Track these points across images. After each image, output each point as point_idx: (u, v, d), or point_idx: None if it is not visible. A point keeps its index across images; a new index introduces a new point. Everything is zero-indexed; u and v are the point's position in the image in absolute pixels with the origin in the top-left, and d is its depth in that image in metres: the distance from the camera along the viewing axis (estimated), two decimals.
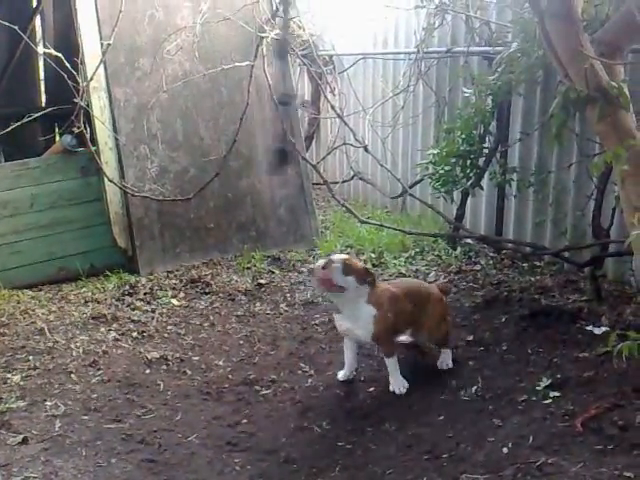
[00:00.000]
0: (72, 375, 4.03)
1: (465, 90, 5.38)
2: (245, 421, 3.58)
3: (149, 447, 3.34)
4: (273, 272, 5.63)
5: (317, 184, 7.07)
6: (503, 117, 5.48)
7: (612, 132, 3.02)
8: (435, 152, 5.29)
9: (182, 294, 5.23)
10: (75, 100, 4.93)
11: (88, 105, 5.24)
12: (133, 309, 4.94)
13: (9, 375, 4.00)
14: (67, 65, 4.90)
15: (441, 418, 3.48)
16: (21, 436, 3.38)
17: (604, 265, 4.93)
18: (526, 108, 5.48)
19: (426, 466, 3.09)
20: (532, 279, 5.11)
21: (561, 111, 2.99)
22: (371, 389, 3.82)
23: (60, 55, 4.94)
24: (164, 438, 3.42)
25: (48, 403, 3.72)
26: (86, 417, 3.60)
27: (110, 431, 3.47)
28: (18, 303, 5.06)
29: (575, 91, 2.92)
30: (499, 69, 4.90)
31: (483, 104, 5.16)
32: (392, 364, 3.79)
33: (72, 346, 4.38)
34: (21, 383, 3.92)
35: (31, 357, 4.23)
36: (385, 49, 7.13)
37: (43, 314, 4.87)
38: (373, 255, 5.84)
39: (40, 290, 5.34)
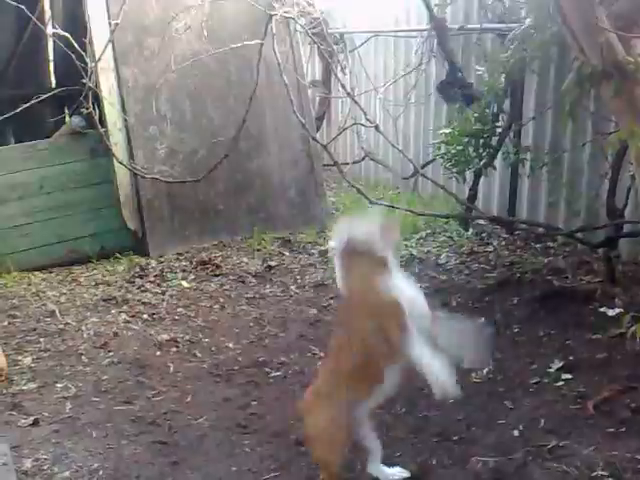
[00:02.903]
0: (83, 357, 4.05)
1: (478, 68, 5.29)
2: (255, 403, 3.57)
3: (159, 429, 3.35)
4: (283, 254, 5.61)
5: (327, 165, 7.01)
6: (516, 95, 5.39)
7: (628, 109, 2.94)
8: (447, 131, 5.23)
9: (192, 276, 5.22)
10: (83, 81, 4.90)
11: (96, 86, 5.21)
12: (143, 291, 4.94)
13: (20, 357, 4.02)
14: (75, 45, 4.86)
15: (451, 400, 3.44)
16: (32, 418, 3.40)
17: (618, 246, 4.86)
18: (540, 86, 5.39)
19: (436, 448, 3.07)
20: (545, 260, 5.05)
21: (575, 87, 2.91)
22: None
23: (68, 35, 4.90)
24: (174, 420, 3.42)
25: (59, 385, 3.74)
26: (97, 399, 3.62)
27: (120, 413, 3.48)
28: (29, 285, 5.09)
29: (590, 66, 2.84)
30: (512, 46, 4.81)
31: (496, 82, 5.07)
32: None
33: (83, 328, 4.39)
34: (32, 365, 3.94)
35: (42, 339, 4.25)
36: (397, 27, 7.03)
37: (54, 296, 4.89)
38: None
39: (51, 272, 5.36)
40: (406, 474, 2.79)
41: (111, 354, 4.08)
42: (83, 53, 4.89)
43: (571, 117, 3.07)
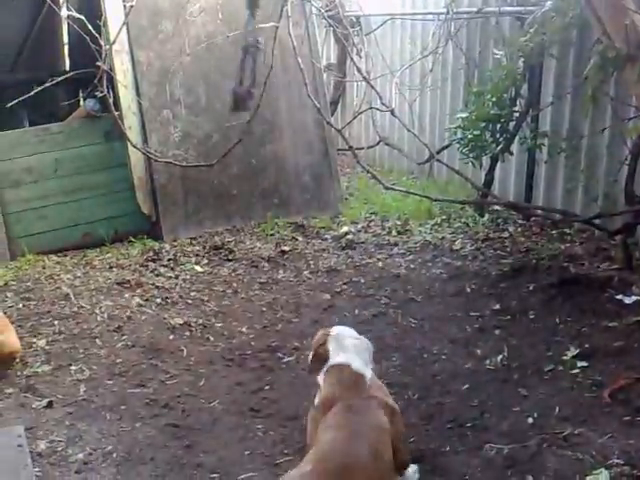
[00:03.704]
0: (97, 340, 4.07)
1: (496, 52, 5.21)
2: (268, 388, 3.58)
3: (173, 412, 3.37)
4: (296, 239, 5.59)
5: (342, 150, 6.97)
6: (535, 80, 5.32)
7: None
8: (464, 116, 5.17)
9: (205, 261, 5.22)
10: (98, 64, 4.87)
11: (111, 69, 5.18)
12: (157, 275, 4.95)
13: (35, 340, 4.05)
14: (90, 28, 4.83)
15: (465, 387, 3.44)
16: (46, 400, 3.43)
17: (636, 233, 4.80)
18: (559, 70, 5.30)
19: (449, 435, 3.07)
20: (561, 247, 5.00)
21: (598, 72, 2.85)
22: (394, 357, 3.78)
23: (83, 18, 4.87)
24: (187, 403, 3.44)
25: (73, 367, 3.76)
26: (110, 382, 3.64)
27: (134, 396, 3.50)
28: (43, 268, 5.11)
29: (614, 49, 2.77)
30: (531, 30, 4.72)
31: (514, 66, 5.00)
32: None
33: (97, 311, 4.41)
34: (46, 348, 3.97)
35: (56, 322, 4.28)
36: (414, 9, 6.95)
37: (68, 279, 4.91)
38: (398, 222, 5.76)
39: (65, 255, 5.39)
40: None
41: (125, 337, 4.09)
42: (97, 36, 4.85)
43: (593, 102, 3.00)
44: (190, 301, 4.58)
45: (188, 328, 4.20)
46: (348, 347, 2.72)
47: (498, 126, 5.10)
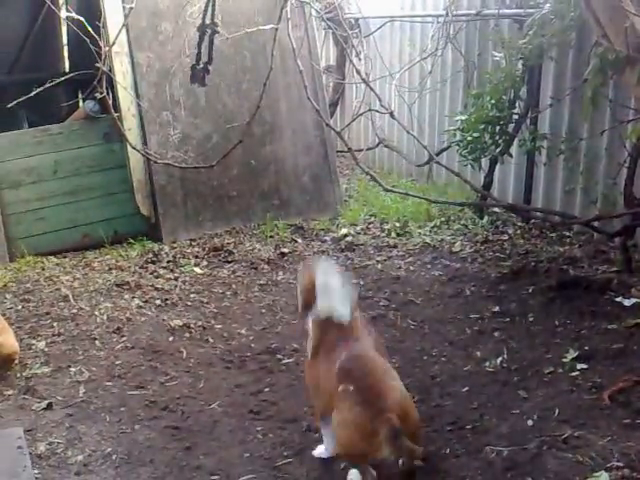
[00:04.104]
0: (96, 342, 4.07)
1: (495, 54, 5.22)
2: (267, 390, 3.57)
3: (172, 414, 3.36)
4: (296, 241, 5.59)
5: (341, 152, 6.97)
6: (534, 82, 5.33)
7: None
8: (463, 118, 5.18)
9: (205, 262, 5.22)
10: (97, 65, 4.87)
11: (110, 70, 5.18)
12: (156, 277, 4.95)
13: (34, 341, 4.05)
14: (89, 29, 4.83)
15: (465, 389, 3.44)
16: (46, 402, 3.42)
17: (635, 235, 4.81)
18: (558, 73, 5.31)
19: (449, 437, 3.06)
20: (561, 249, 5.01)
21: (598, 74, 2.85)
22: (394, 359, 3.77)
23: (82, 19, 4.87)
24: (187, 405, 3.43)
25: (72, 369, 3.76)
26: (110, 383, 3.63)
27: (134, 397, 3.50)
28: (42, 270, 5.11)
29: (613, 52, 2.77)
30: (530, 32, 4.73)
31: (513, 69, 5.01)
32: None
33: (96, 313, 4.41)
34: (46, 349, 3.97)
35: (55, 323, 4.27)
36: (413, 11, 6.96)
37: (67, 281, 4.91)
38: (397, 224, 5.76)
39: (64, 257, 5.39)
40: None
41: (124, 339, 4.09)
42: (97, 37, 4.85)
43: (593, 105, 3.00)
44: (190, 303, 4.58)
45: (188, 330, 4.20)
46: (333, 295, 2.90)
47: (497, 128, 5.11)
